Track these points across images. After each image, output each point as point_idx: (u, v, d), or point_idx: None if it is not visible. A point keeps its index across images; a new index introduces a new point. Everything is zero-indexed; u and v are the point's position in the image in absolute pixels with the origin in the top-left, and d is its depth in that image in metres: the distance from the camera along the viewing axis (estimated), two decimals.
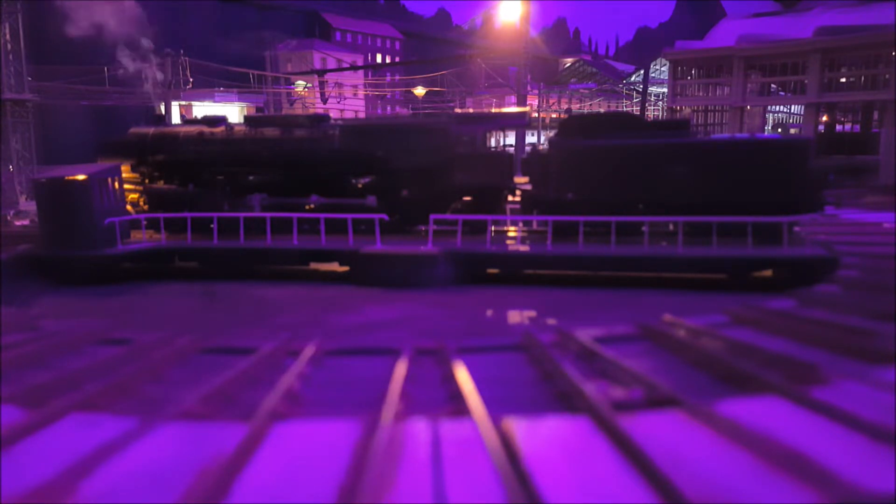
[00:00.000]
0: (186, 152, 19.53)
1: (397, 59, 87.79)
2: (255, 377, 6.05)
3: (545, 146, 31.98)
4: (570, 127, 18.64)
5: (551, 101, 62.42)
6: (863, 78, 32.41)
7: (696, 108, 38.89)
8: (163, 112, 29.68)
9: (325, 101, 45.19)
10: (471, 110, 46.64)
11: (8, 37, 23.73)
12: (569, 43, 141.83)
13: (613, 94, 64.08)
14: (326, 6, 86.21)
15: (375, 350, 7.33)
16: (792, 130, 52.52)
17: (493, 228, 16.58)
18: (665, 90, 47.68)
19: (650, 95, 53.75)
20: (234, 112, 42.31)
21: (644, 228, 15.34)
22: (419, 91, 51.95)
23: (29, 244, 16.78)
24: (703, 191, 15.89)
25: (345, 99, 53.95)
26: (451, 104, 55.76)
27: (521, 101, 34.91)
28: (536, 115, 54.21)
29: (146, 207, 19.51)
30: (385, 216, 16.58)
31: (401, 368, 5.92)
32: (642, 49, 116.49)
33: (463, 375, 5.56)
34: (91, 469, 3.69)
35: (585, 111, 57.68)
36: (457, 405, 4.97)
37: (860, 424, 3.96)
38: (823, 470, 3.35)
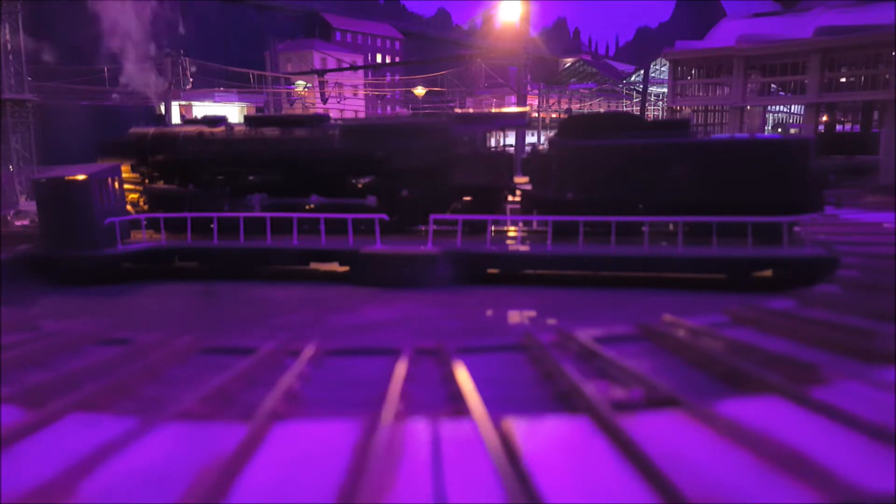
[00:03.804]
0: (186, 152, 19.53)
1: (397, 59, 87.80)
2: (255, 377, 6.05)
3: (545, 146, 31.97)
4: (570, 127, 18.64)
5: (551, 101, 62.39)
6: (863, 78, 32.39)
7: (696, 108, 38.88)
8: (163, 112, 29.66)
9: (325, 101, 45.17)
10: (471, 110, 46.59)
11: (8, 37, 23.71)
12: (569, 43, 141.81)
13: (613, 94, 64.04)
14: (326, 6, 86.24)
15: (375, 350, 7.32)
16: (792, 130, 52.53)
17: (493, 228, 16.57)
18: (665, 90, 47.66)
19: (650, 95, 53.73)
20: (234, 112, 42.31)
21: (644, 228, 15.34)
22: (419, 91, 51.94)
23: (29, 244, 16.78)
24: (703, 191, 15.88)
25: (345, 99, 53.94)
26: (451, 104, 55.73)
27: (521, 101, 34.91)
28: (536, 115, 54.19)
29: (146, 207, 19.51)
30: (385, 216, 16.57)
31: (401, 368, 5.91)
32: (642, 49, 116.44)
33: (463, 375, 5.56)
34: (91, 469, 3.69)
35: (585, 111, 57.68)
36: (457, 405, 4.97)
37: (860, 424, 3.96)
38: (823, 470, 3.35)
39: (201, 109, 40.04)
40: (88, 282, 15.68)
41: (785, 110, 55.00)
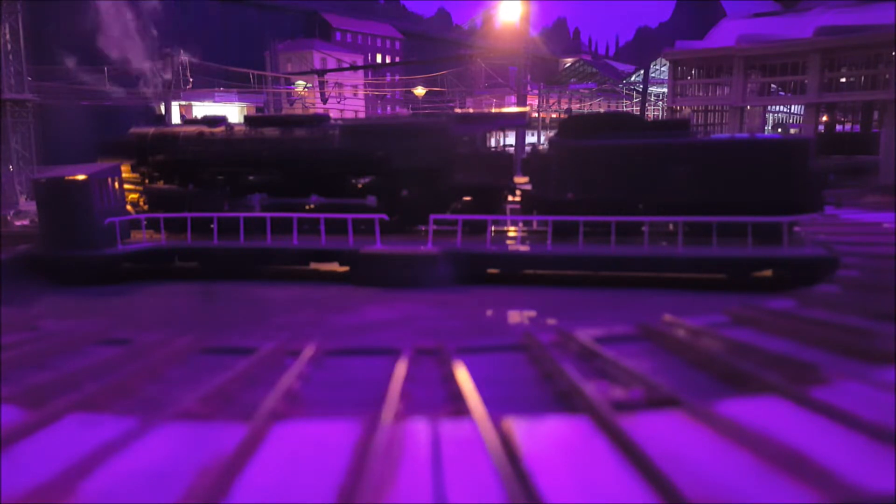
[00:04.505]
0: (186, 152, 19.53)
1: (397, 59, 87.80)
2: (255, 377, 6.05)
3: (545, 146, 31.98)
4: (570, 127, 18.64)
5: (551, 101, 62.39)
6: (863, 78, 32.40)
7: (696, 108, 38.88)
8: (163, 112, 29.66)
9: (325, 101, 45.17)
10: (471, 110, 46.60)
11: (8, 37, 23.71)
12: (569, 43, 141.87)
13: (613, 94, 64.04)
14: (326, 6, 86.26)
15: (375, 350, 7.32)
16: (792, 130, 52.53)
17: (493, 228, 16.57)
18: (665, 90, 47.66)
19: (650, 95, 53.73)
20: (234, 112, 42.29)
21: (644, 228, 15.34)
22: (419, 91, 51.93)
23: (29, 244, 16.78)
24: (703, 191, 15.89)
25: (345, 99, 53.92)
26: (451, 104, 55.73)
27: (521, 101, 34.91)
28: (536, 115, 54.19)
29: (146, 207, 19.51)
30: (385, 216, 16.57)
31: (401, 368, 5.91)
32: (642, 49, 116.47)
33: (463, 375, 5.55)
34: (91, 469, 3.69)
35: (585, 111, 57.67)
36: (457, 405, 4.97)
37: (860, 424, 3.96)
38: (823, 470, 3.35)
39: (201, 109, 40.02)
40: (88, 282, 15.68)
41: (785, 110, 55.01)
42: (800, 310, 8.14)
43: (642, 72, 53.05)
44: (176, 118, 32.62)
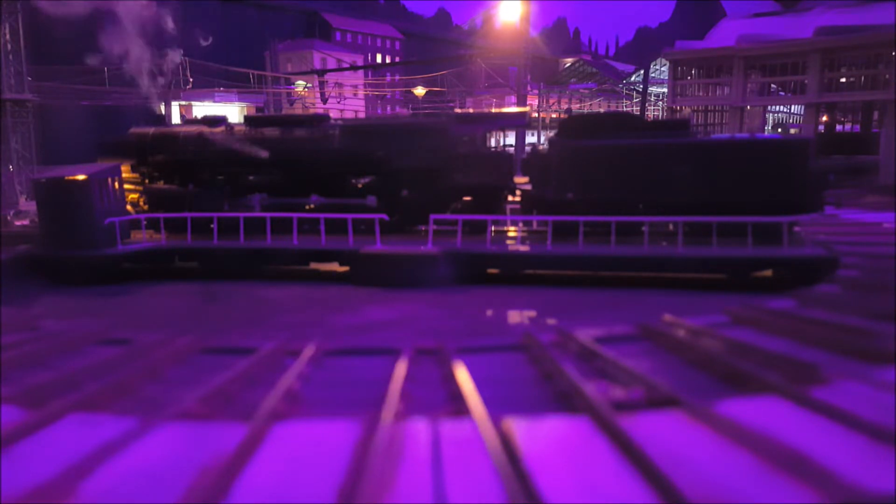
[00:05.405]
0: (186, 152, 19.53)
1: (397, 59, 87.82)
2: (255, 377, 6.05)
3: (545, 146, 31.98)
4: (570, 127, 18.64)
5: (551, 101, 62.39)
6: (863, 78, 32.41)
7: (696, 108, 38.87)
8: (163, 112, 29.63)
9: (325, 101, 45.17)
10: (471, 110, 46.59)
11: (8, 37, 23.70)
12: (569, 43, 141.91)
13: (613, 94, 64.02)
14: (326, 6, 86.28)
15: (375, 350, 7.32)
16: (792, 130, 52.52)
17: (493, 228, 16.57)
18: (665, 90, 47.66)
19: (650, 95, 53.71)
20: (234, 112, 42.29)
21: (644, 228, 15.34)
22: (419, 91, 51.93)
23: (29, 244, 16.78)
24: (703, 191, 15.89)
25: (345, 99, 53.93)
26: (451, 104, 55.73)
27: (521, 101, 34.91)
28: (536, 115, 54.18)
29: (146, 207, 19.51)
30: (385, 216, 16.57)
31: (401, 368, 5.91)
32: (642, 49, 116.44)
33: (463, 375, 5.55)
34: (91, 469, 3.69)
35: (585, 111, 57.66)
36: (457, 405, 4.97)
37: (860, 424, 3.96)
38: (823, 470, 3.35)
39: (201, 109, 40.03)
40: (88, 282, 15.68)
41: (785, 110, 55.01)
42: (800, 310, 8.14)
43: (642, 72, 53.02)
44: (176, 118, 32.62)
